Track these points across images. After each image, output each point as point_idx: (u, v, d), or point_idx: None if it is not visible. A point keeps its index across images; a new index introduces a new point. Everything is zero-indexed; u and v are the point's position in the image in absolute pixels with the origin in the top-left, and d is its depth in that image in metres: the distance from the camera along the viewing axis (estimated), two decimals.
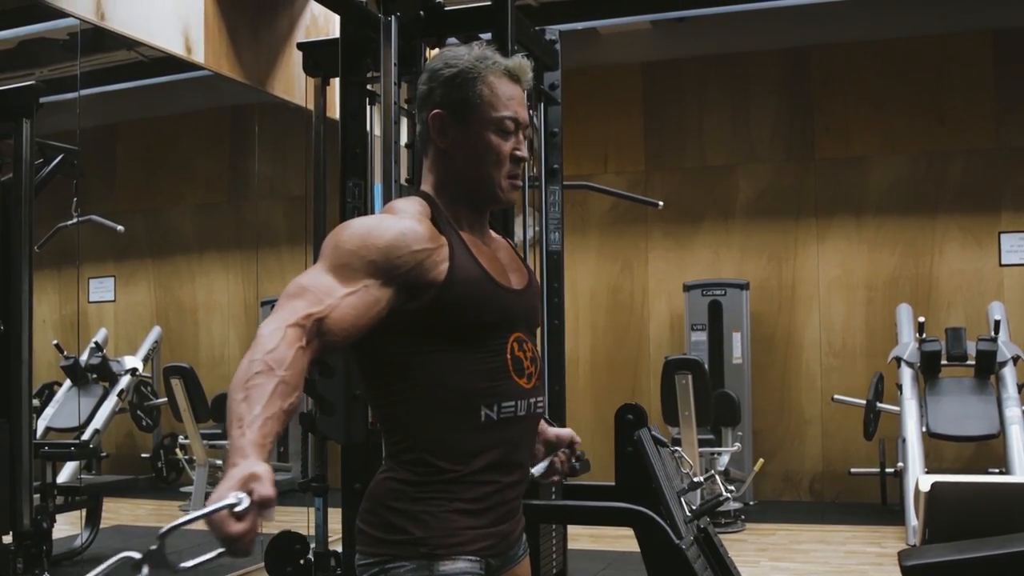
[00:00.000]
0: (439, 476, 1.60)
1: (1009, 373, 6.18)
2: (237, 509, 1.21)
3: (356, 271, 1.53)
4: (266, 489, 1.24)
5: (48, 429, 4.89)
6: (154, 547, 1.21)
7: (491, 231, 1.81)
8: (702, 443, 6.13)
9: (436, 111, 1.68)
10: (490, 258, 1.71)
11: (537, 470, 1.85)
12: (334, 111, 3.86)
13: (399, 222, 1.60)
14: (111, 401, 5.23)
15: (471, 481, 1.62)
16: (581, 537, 5.20)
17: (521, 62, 1.72)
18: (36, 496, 3.76)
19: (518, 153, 1.70)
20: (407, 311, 1.58)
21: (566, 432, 1.91)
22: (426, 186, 1.73)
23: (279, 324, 1.43)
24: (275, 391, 1.35)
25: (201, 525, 1.22)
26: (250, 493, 1.23)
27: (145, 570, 1.21)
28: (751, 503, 6.86)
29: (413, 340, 1.60)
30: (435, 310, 1.59)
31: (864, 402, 6.53)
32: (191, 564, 1.24)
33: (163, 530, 1.21)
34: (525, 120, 1.71)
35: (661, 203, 5.74)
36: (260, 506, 1.23)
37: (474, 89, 1.67)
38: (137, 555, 1.21)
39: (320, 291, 1.49)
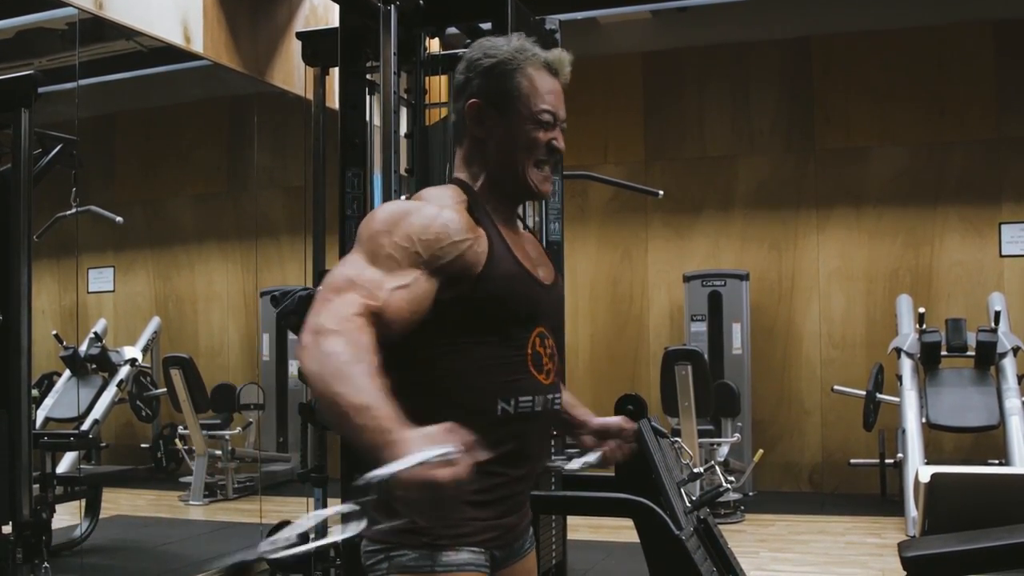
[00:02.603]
0: None
1: (1009, 364, 6.17)
2: (450, 457, 1.19)
3: (400, 263, 1.51)
4: (467, 435, 1.23)
5: (47, 419, 4.90)
6: (370, 498, 1.20)
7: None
8: (702, 434, 6.12)
9: (473, 100, 1.67)
10: (522, 251, 1.70)
11: (592, 459, 1.88)
12: (333, 101, 3.85)
13: (440, 212, 1.58)
14: (110, 391, 5.23)
15: (480, 472, 1.60)
16: (580, 528, 5.21)
17: (560, 55, 1.70)
18: (36, 486, 3.76)
19: (555, 143, 1.68)
20: (438, 300, 1.56)
21: (613, 421, 1.91)
22: (461, 175, 1.71)
23: (343, 315, 1.40)
24: (374, 375, 1.34)
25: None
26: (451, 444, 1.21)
27: (362, 522, 1.21)
28: (751, 494, 6.86)
29: (438, 331, 1.57)
30: (469, 301, 1.58)
31: (864, 393, 6.52)
32: (385, 526, 1.21)
33: (376, 478, 1.20)
34: (562, 114, 1.69)
35: (661, 192, 5.73)
36: (468, 451, 1.22)
37: (513, 81, 1.65)
38: (355, 507, 1.21)
39: (370, 284, 1.47)
